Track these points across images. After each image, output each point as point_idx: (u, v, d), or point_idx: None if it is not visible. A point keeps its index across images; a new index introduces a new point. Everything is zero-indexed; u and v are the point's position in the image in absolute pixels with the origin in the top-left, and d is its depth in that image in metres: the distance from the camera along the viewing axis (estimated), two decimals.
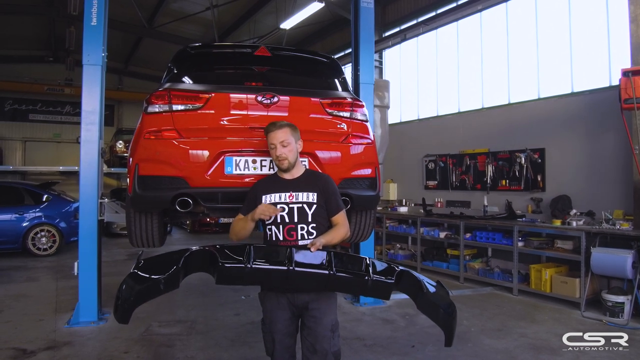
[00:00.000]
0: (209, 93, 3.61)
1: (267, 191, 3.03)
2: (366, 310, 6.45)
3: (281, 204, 2.98)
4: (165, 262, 2.71)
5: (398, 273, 2.88)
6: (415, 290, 2.93)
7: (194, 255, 2.76)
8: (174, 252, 2.85)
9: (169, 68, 3.99)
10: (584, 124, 7.78)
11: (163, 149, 3.50)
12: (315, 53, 4.33)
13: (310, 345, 2.90)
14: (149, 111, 3.60)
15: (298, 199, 3.01)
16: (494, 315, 6.38)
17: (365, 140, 3.93)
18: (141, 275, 2.64)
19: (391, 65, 12.89)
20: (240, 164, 3.52)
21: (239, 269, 2.66)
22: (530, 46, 8.89)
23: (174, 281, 2.63)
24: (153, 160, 3.51)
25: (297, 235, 2.98)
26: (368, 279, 2.75)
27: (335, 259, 2.76)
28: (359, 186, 3.85)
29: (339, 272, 2.73)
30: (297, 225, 2.99)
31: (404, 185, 11.89)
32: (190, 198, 3.50)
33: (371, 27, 6.75)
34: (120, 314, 2.64)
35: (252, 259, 2.67)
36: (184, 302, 6.71)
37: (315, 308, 2.93)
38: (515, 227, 7.64)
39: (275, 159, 3.05)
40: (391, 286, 2.82)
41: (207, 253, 2.77)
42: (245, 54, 4.07)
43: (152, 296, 2.69)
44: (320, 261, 2.77)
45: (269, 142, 3.04)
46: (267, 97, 3.61)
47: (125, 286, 2.63)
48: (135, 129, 3.75)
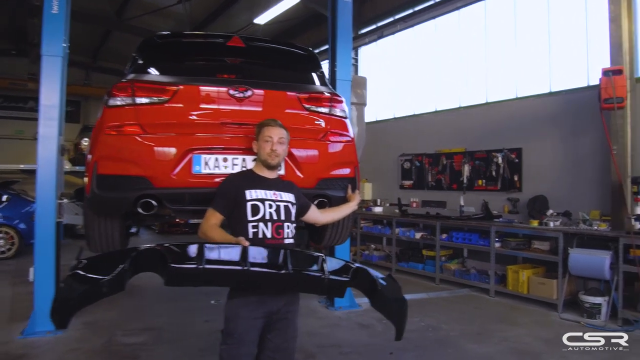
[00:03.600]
0: (176, 85, 3.33)
1: (250, 186, 2.89)
2: (342, 315, 6.23)
3: (268, 200, 2.89)
4: (110, 262, 2.43)
5: (354, 270, 2.80)
6: (370, 287, 2.90)
7: (142, 255, 2.50)
8: (119, 251, 2.58)
9: (134, 58, 3.70)
10: (561, 123, 7.73)
11: (125, 145, 3.21)
12: (292, 45, 4.07)
13: (276, 346, 2.84)
14: (110, 104, 3.31)
15: (282, 198, 2.96)
16: (473, 318, 6.25)
17: (344, 138, 3.72)
18: (83, 275, 2.34)
19: (367, 63, 12.71)
20: (209, 163, 3.25)
21: (190, 270, 2.43)
22: (509, 45, 8.82)
23: (119, 283, 2.36)
24: (114, 157, 3.22)
25: (284, 233, 2.90)
26: (324, 277, 2.63)
27: (291, 258, 2.59)
28: (337, 187, 3.62)
29: (294, 272, 2.58)
30: (284, 223, 2.92)
31: (379, 185, 11.74)
32: (155, 199, 3.21)
33: (349, 22, 6.52)
34: (59, 318, 2.38)
35: (204, 259, 2.44)
36: (151, 308, 6.38)
37: (289, 310, 2.89)
38: (492, 227, 7.54)
39: (267, 152, 2.95)
40: (347, 284, 2.78)
41: (155, 252, 2.51)
42: (217, 45, 3.78)
43: (95, 299, 2.41)
44: (276, 260, 2.61)
45: (266, 134, 2.96)
46: (240, 91, 3.35)
47: (65, 287, 2.38)
48: None
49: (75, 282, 2.35)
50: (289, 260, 2.57)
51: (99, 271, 2.36)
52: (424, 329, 5.74)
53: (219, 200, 2.90)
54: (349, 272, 2.78)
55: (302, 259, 2.78)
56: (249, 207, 2.84)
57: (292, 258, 2.60)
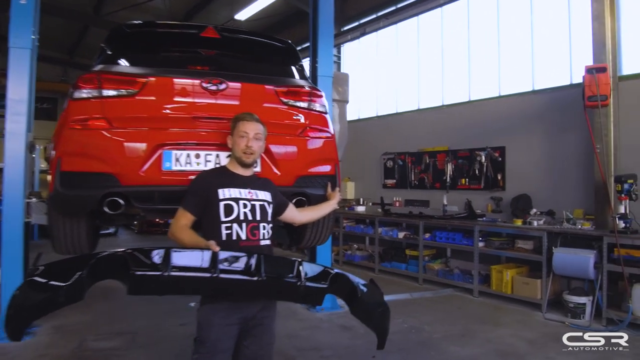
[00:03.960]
0: (145, 77, 3.13)
1: (223, 185, 2.72)
2: (323, 317, 6.08)
3: (243, 199, 2.72)
4: (69, 269, 2.23)
5: (332, 276, 2.66)
6: (350, 294, 2.76)
7: (102, 262, 2.30)
8: (78, 257, 2.39)
9: (102, 49, 3.49)
10: (545, 122, 7.68)
11: (90, 140, 3.00)
12: (270, 37, 3.89)
13: (252, 353, 2.72)
14: (76, 97, 3.11)
15: (258, 197, 2.80)
16: (456, 319, 6.14)
17: (324, 134, 3.56)
18: (39, 282, 2.16)
19: (350, 61, 12.59)
20: (180, 159, 3.06)
21: (154, 277, 2.26)
22: (492, 43, 8.76)
23: (77, 292, 2.17)
24: (78, 153, 3.01)
25: (259, 234, 2.74)
26: (300, 284, 2.48)
27: (265, 264, 2.43)
28: (317, 185, 3.46)
29: (268, 279, 2.41)
30: (260, 223, 2.75)
31: (361, 183, 11.63)
32: (122, 198, 3.01)
33: (330, 16, 6.37)
34: (12, 328, 2.17)
35: (170, 266, 2.26)
36: (126, 310, 6.14)
37: (265, 316, 2.77)
38: (476, 227, 7.46)
39: (242, 149, 2.79)
40: (325, 291, 2.62)
41: (117, 258, 2.32)
42: (191, 35, 3.58)
43: (51, 309, 2.23)
44: (248, 266, 2.44)
45: (241, 129, 2.80)
46: (214, 83, 3.17)
47: (20, 295, 2.16)
48: None
49: (31, 290, 2.18)
50: (263, 266, 2.41)
51: (57, 278, 2.18)
52: (407, 330, 5.62)
53: (189, 199, 2.73)
54: (327, 278, 2.63)
55: (277, 265, 2.61)
56: (222, 207, 2.67)
57: (266, 263, 2.44)
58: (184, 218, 2.69)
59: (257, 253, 2.54)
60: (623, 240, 5.74)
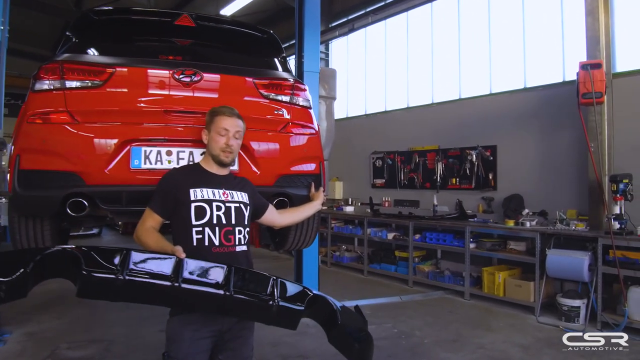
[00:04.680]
0: (112, 67, 2.86)
1: (195, 185, 2.46)
2: (310, 322, 5.78)
3: (216, 201, 2.47)
4: (11, 263, 1.97)
5: (310, 298, 2.40)
6: (329, 320, 2.51)
7: (50, 258, 2.04)
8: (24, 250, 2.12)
9: (67, 37, 3.22)
10: (537, 120, 7.50)
11: (51, 136, 2.73)
12: (250, 26, 3.64)
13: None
14: (36, 89, 2.84)
15: (234, 198, 2.55)
16: (447, 323, 5.93)
17: (308, 130, 3.31)
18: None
19: (338, 58, 12.35)
20: (150, 156, 2.80)
21: (107, 279, 2.00)
22: (483, 39, 8.56)
23: (20, 289, 1.93)
24: (38, 150, 2.74)
25: (234, 239, 2.48)
26: (273, 303, 2.22)
27: (235, 277, 2.18)
28: (300, 184, 3.22)
29: (237, 294, 2.15)
30: (235, 227, 2.50)
31: (350, 183, 11.40)
32: (86, 199, 2.75)
33: (317, 8, 6.11)
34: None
35: (127, 269, 2.01)
36: (102, 316, 5.87)
37: (243, 327, 2.54)
38: (467, 227, 7.27)
39: (221, 147, 2.54)
40: (300, 314, 2.34)
41: (68, 255, 2.06)
42: (164, 23, 3.33)
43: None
44: (217, 278, 2.17)
45: (221, 125, 2.54)
46: (187, 74, 2.92)
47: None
48: None
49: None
50: (233, 279, 2.16)
51: None
52: (397, 336, 5.41)
53: (157, 199, 2.47)
54: (305, 299, 2.36)
55: (249, 279, 2.33)
56: (193, 208, 2.42)
57: (236, 276, 2.18)
58: (150, 220, 2.44)
59: (230, 261, 2.29)
60: (618, 241, 5.57)
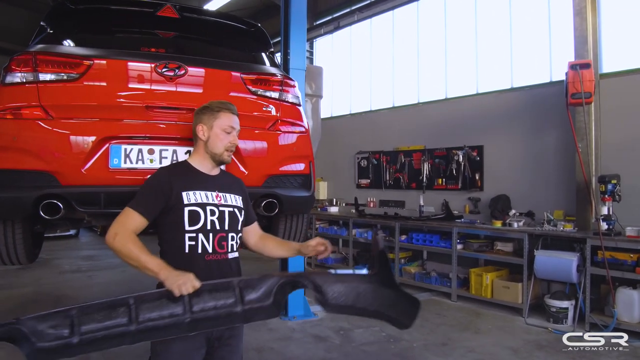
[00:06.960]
0: (89, 59, 2.70)
1: (187, 187, 2.26)
2: (296, 326, 5.69)
3: (210, 205, 2.28)
4: None
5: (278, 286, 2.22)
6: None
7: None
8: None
9: (41, 27, 3.04)
10: (524, 120, 7.45)
11: (23, 132, 2.56)
12: (237, 18, 3.48)
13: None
14: (7, 82, 2.66)
15: (227, 202, 2.36)
16: (436, 326, 5.84)
17: (297, 129, 3.18)
18: None
19: (322, 57, 12.20)
20: (131, 155, 2.64)
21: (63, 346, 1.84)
22: (469, 39, 8.49)
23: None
24: (9, 147, 2.56)
25: (227, 246, 2.31)
26: (240, 309, 2.10)
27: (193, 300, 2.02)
28: (289, 185, 3.08)
29: (196, 312, 2.02)
30: (228, 233, 2.32)
31: (335, 183, 11.26)
32: (61, 200, 2.56)
33: (303, 5, 5.97)
34: None
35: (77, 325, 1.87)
36: None
37: (232, 336, 2.39)
38: (454, 228, 7.19)
39: (226, 146, 2.36)
40: (272, 308, 2.19)
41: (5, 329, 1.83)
42: (146, 14, 3.16)
43: None
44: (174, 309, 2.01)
45: (226, 123, 2.36)
46: (171, 68, 2.76)
47: None
48: None
49: None
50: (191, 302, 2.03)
51: None
52: (385, 340, 5.29)
53: (145, 198, 2.21)
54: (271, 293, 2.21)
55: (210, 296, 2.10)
56: (187, 213, 2.21)
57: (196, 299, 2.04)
58: (133, 221, 2.15)
59: (221, 270, 2.19)
60: (607, 242, 5.53)
